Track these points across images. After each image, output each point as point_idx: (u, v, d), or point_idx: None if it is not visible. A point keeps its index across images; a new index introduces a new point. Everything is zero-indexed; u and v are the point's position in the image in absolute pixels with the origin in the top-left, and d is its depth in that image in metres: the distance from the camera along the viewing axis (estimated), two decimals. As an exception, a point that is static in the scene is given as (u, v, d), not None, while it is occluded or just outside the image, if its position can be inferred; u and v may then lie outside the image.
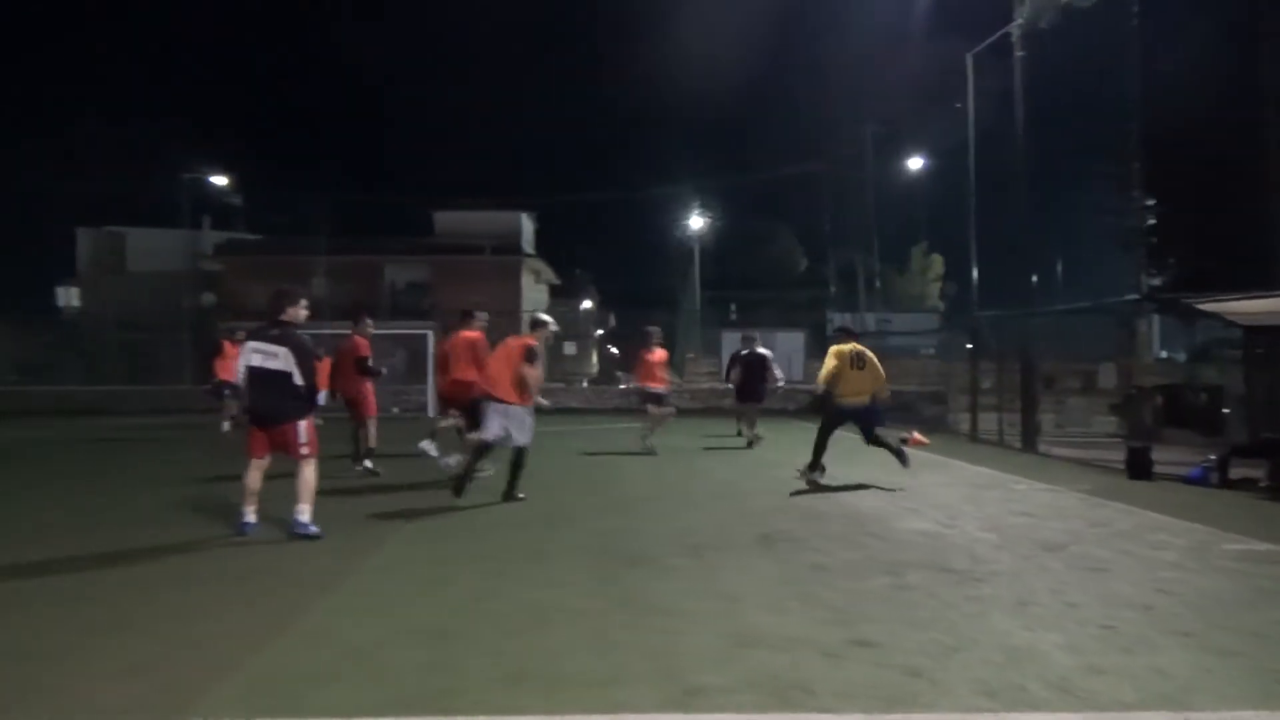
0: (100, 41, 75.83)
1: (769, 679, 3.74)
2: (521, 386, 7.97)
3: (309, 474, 6.52)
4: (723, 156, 71.74)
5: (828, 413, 9.49)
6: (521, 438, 8.08)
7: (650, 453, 12.26)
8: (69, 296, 36.00)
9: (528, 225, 36.44)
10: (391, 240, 33.83)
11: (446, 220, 34.86)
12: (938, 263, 45.09)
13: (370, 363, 10.14)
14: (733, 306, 37.49)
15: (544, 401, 9.14)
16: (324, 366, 14.94)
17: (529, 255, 34.58)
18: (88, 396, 23.62)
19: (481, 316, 10.27)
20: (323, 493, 6.82)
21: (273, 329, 6.52)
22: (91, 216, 36.90)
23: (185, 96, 75.06)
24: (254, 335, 6.57)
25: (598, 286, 45.46)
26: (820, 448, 9.41)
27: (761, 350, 13.95)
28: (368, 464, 10.03)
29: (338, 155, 76.04)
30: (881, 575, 5.52)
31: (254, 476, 6.58)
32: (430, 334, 21.92)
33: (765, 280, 42.28)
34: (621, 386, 26.73)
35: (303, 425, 6.49)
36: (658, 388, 12.75)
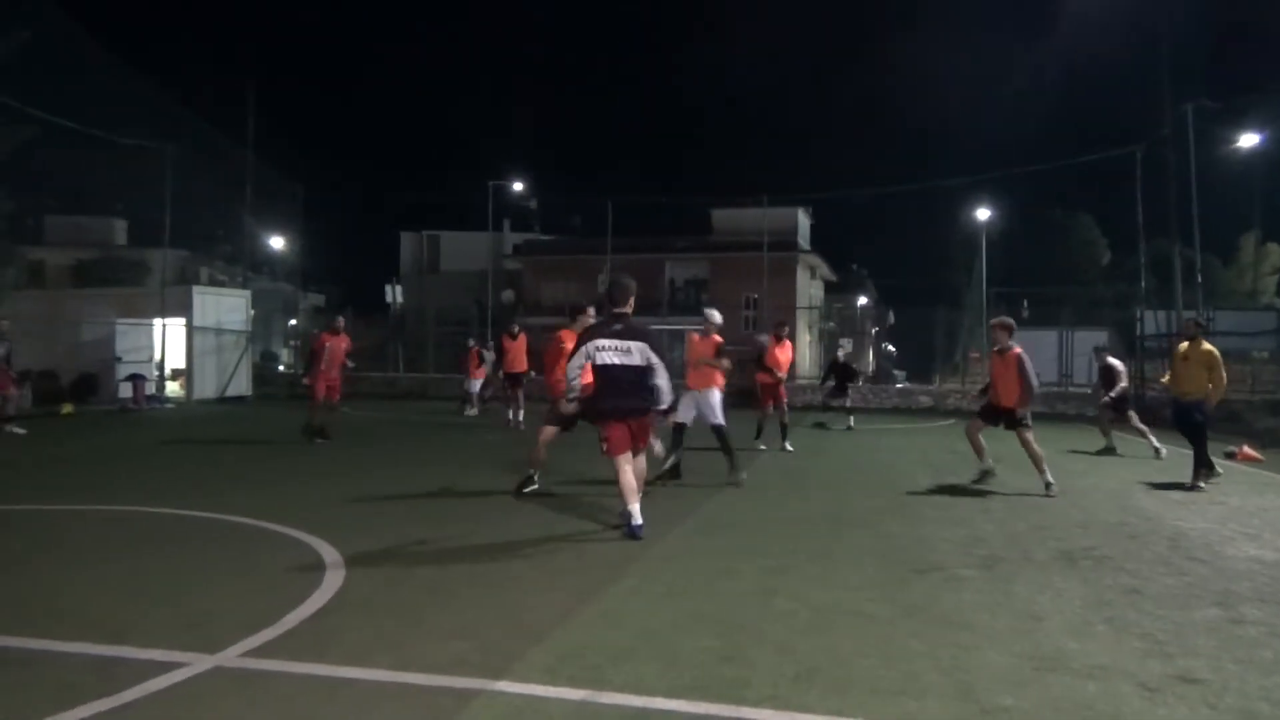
0: (417, 67, 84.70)
1: (1077, 708, 3.49)
2: (709, 375, 9.29)
3: (641, 465, 6.73)
4: (1013, 142, 67.14)
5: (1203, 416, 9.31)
6: (715, 418, 9.15)
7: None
8: (394, 293, 40.65)
9: (804, 221, 36.22)
10: (672, 238, 34.94)
11: (724, 218, 35.46)
12: (1275, 253, 39.36)
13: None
14: (1025, 303, 34.97)
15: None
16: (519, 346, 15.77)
17: (805, 251, 34.36)
18: (408, 383, 26.66)
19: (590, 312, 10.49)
20: (602, 483, 7.22)
21: (615, 323, 6.52)
22: (413, 222, 41.43)
23: (488, 111, 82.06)
24: (596, 332, 6.56)
25: (875, 282, 44.22)
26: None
27: (1112, 361, 12.85)
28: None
29: (624, 158, 79.73)
30: (1209, 606, 4.96)
31: (628, 472, 6.45)
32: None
33: (1062, 274, 39.01)
34: (899, 386, 25.83)
35: (652, 416, 6.65)
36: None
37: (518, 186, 37.09)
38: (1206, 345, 9.22)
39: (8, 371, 14.04)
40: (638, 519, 6.34)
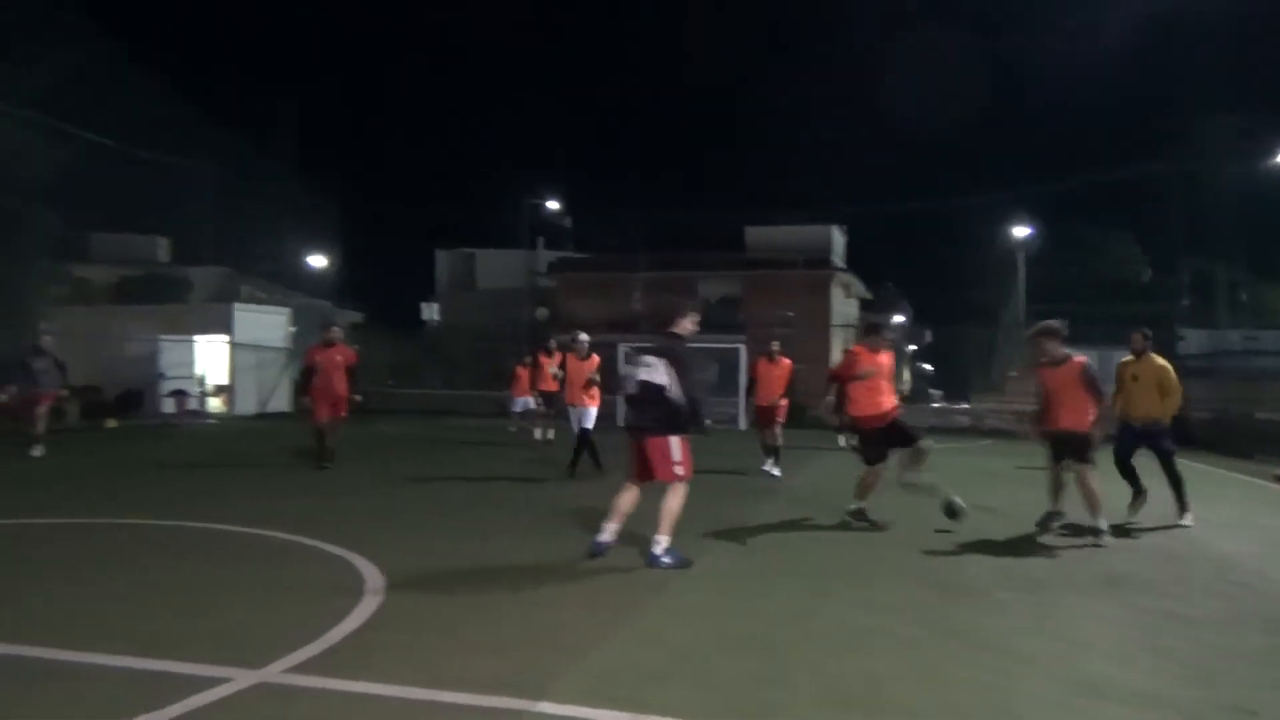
0: (452, 85, 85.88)
1: (1122, 736, 3.45)
2: (589, 392, 11.10)
3: (674, 501, 6.11)
4: (1049, 159, 66.53)
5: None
6: (587, 422, 11.15)
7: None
8: (430, 311, 41.03)
9: (838, 238, 36.09)
10: (705, 256, 34.96)
11: (757, 235, 35.43)
12: (1324, 271, 38.42)
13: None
14: (1065, 320, 34.49)
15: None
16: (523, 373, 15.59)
17: (839, 269, 34.20)
18: (443, 399, 26.89)
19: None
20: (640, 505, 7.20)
21: (660, 338, 6.30)
22: (448, 239, 41.89)
23: (524, 129, 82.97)
24: (639, 348, 6.42)
25: (910, 300, 43.90)
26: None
27: None
28: None
29: (658, 176, 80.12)
30: (1256, 633, 4.86)
31: (626, 497, 6.26)
32: (742, 348, 22.35)
33: (1099, 292, 38.44)
34: (934, 405, 25.59)
35: (674, 441, 6.09)
36: None
37: (552, 204, 37.44)
38: (1160, 360, 8.38)
39: (42, 388, 13.21)
40: (603, 536, 6.18)
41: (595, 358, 11.36)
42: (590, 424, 11.26)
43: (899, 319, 42.94)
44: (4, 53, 19.59)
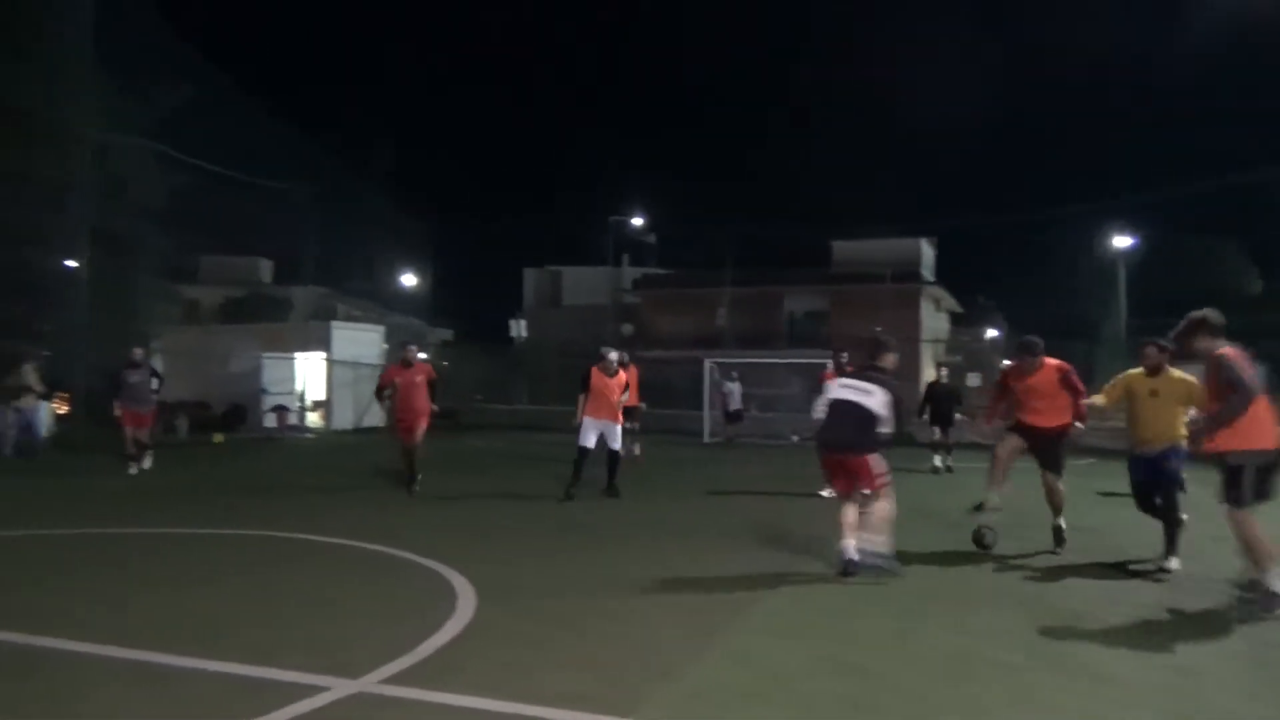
0: (539, 105, 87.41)
1: (1245, 775, 3.25)
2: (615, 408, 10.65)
3: (883, 506, 6.48)
4: (1151, 167, 63.90)
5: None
6: (615, 443, 10.67)
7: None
8: (518, 327, 41.76)
9: (928, 251, 35.39)
10: (791, 271, 34.70)
11: (844, 249, 35.02)
12: None
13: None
14: (1170, 335, 32.96)
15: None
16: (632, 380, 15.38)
17: (929, 282, 33.52)
18: (529, 414, 27.24)
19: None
20: (718, 525, 7.16)
21: (870, 370, 6.73)
22: (535, 258, 42.59)
23: (606, 146, 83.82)
24: (849, 376, 6.96)
25: (1004, 314, 42.65)
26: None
27: None
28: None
29: (743, 191, 79.96)
30: (1393, 670, 4.53)
31: (848, 510, 6.52)
32: (829, 363, 22.00)
33: (1206, 305, 36.48)
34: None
35: (874, 459, 6.48)
36: None
37: (637, 222, 37.69)
38: (1179, 373, 7.03)
39: (134, 403, 12.86)
40: (847, 554, 6.34)
41: (622, 374, 10.97)
42: (619, 444, 10.92)
43: (992, 333, 41.81)
44: (123, 87, 20.81)
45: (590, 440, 10.61)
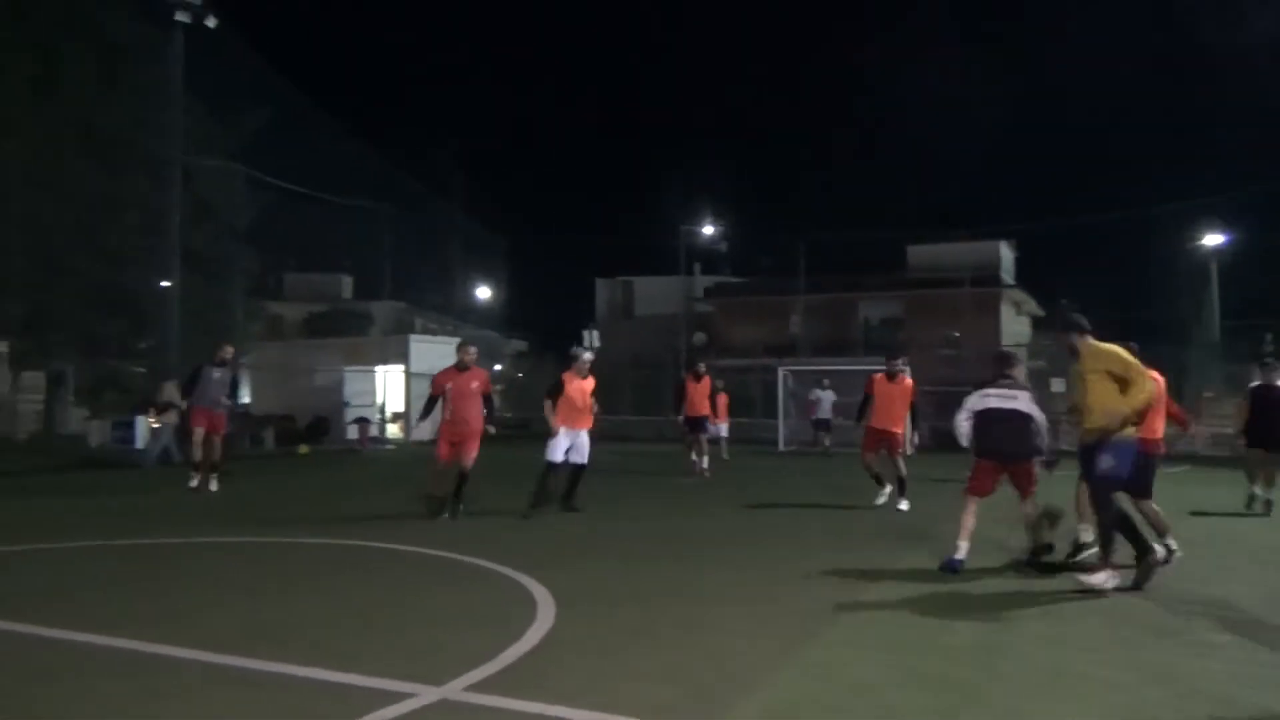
0: (608, 117, 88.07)
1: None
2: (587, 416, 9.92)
3: (1032, 506, 7.10)
4: (1242, 162, 61.17)
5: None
6: (583, 458, 9.83)
7: None
8: (591, 339, 42.03)
9: (1007, 254, 34.50)
10: (865, 277, 34.19)
11: (920, 254, 34.38)
12: None
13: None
14: (1268, 337, 31.45)
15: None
16: (720, 399, 14.48)
17: (1009, 286, 32.66)
18: (603, 425, 27.31)
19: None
20: (794, 535, 7.05)
21: (1004, 379, 7.16)
22: (607, 268, 42.88)
23: (676, 154, 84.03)
24: (985, 385, 7.27)
25: (1090, 317, 41.29)
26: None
27: None
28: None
29: (815, 197, 79.27)
30: None
31: (970, 513, 6.95)
32: (907, 370, 21.57)
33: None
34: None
35: (1033, 465, 7.07)
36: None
37: (708, 230, 37.62)
38: None
39: (206, 403, 12.01)
40: (958, 555, 6.75)
41: (592, 379, 10.04)
42: (587, 456, 9.93)
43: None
44: (211, 112, 21.68)
45: (560, 453, 9.66)
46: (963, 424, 7.13)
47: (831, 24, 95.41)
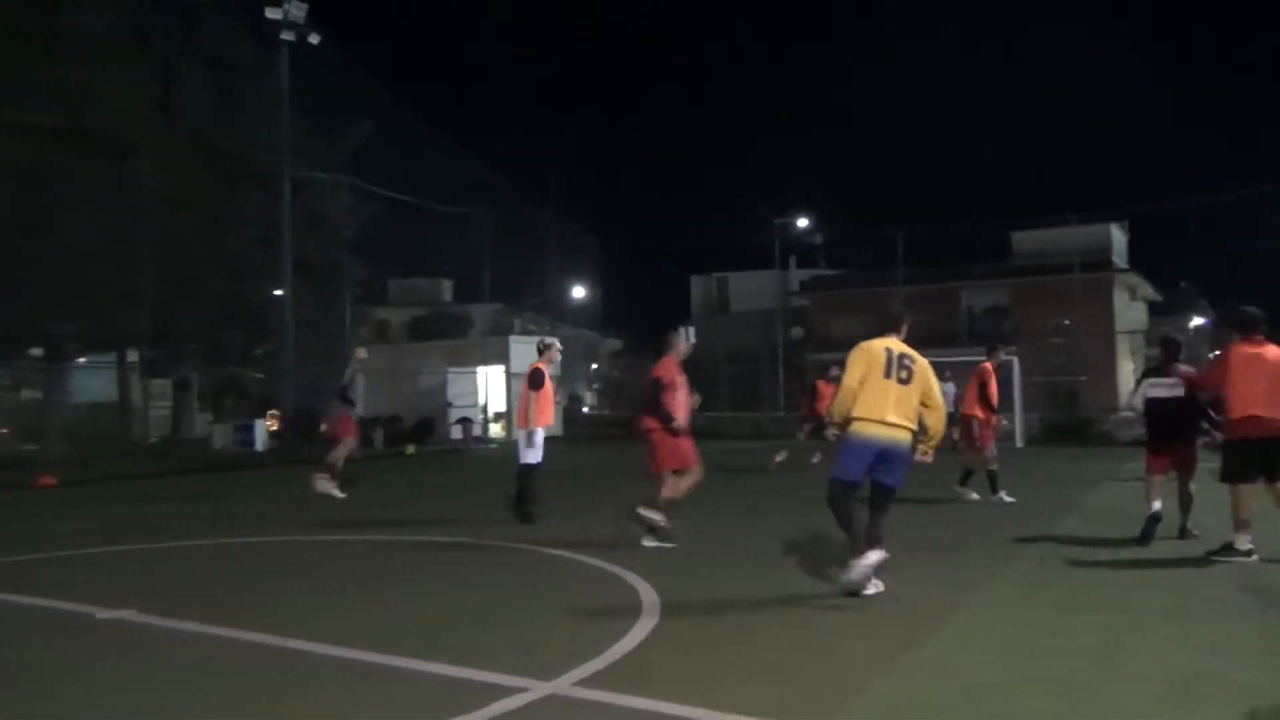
0: (703, 112, 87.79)
1: None
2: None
3: (1192, 486, 7.49)
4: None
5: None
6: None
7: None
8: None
9: (1119, 237, 32.97)
10: (967, 265, 33.21)
11: (1025, 240, 33.20)
12: None
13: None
14: None
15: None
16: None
17: (1121, 270, 31.22)
18: (701, 421, 27.30)
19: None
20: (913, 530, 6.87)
21: (1168, 367, 7.57)
22: (702, 264, 42.82)
23: (773, 149, 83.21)
24: (1150, 373, 7.88)
25: (1211, 301, 39.14)
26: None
27: None
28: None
29: (911, 184, 77.35)
30: None
31: (1158, 488, 7.40)
32: (1015, 360, 20.91)
33: None
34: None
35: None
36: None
37: (803, 223, 37.16)
38: None
39: (350, 414, 11.78)
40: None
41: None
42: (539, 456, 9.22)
43: (1200, 321, 38.42)
44: (320, 127, 22.59)
45: (539, 454, 9.21)
46: (1135, 405, 7.79)
47: (926, 15, 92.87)
